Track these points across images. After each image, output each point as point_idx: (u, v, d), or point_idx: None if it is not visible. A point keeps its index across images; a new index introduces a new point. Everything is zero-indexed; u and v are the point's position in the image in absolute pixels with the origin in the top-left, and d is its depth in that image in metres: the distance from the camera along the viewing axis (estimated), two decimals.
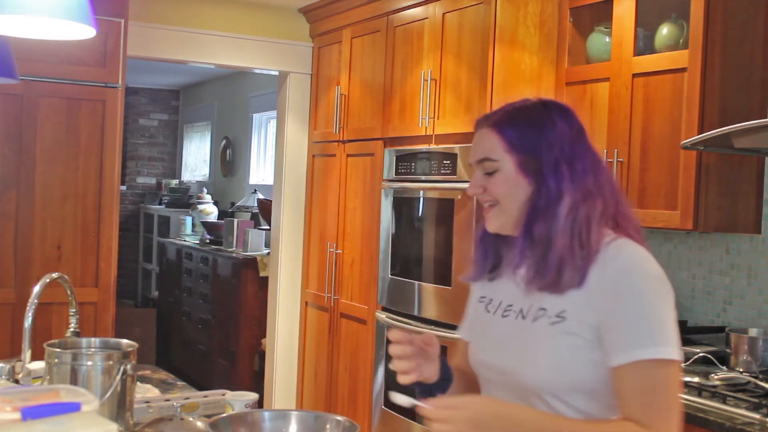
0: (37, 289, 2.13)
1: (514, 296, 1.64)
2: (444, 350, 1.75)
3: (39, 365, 2.07)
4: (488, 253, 1.70)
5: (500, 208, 1.61)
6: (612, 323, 1.49)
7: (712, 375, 2.78)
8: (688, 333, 3.31)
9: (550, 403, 1.55)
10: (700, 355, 2.97)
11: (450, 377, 1.70)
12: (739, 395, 2.61)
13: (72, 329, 2.27)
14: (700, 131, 3.02)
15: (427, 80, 4.00)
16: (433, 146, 3.96)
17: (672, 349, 1.47)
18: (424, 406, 1.47)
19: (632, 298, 1.49)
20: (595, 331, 1.51)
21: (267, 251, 6.05)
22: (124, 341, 1.98)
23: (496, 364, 1.64)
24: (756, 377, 2.77)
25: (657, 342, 1.47)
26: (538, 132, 1.58)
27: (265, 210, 6.51)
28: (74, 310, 2.28)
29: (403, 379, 1.62)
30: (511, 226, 1.61)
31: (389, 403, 4.14)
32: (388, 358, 1.66)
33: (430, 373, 1.67)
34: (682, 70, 3.13)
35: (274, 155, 6.01)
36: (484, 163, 1.61)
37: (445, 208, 3.84)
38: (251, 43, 5.05)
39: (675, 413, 1.49)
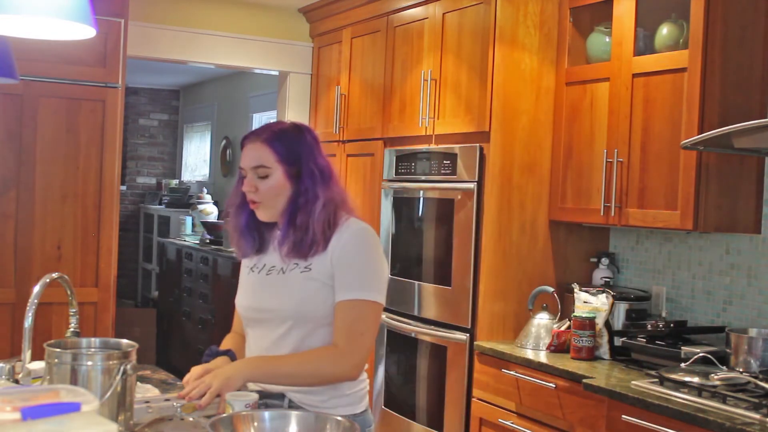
0: (37, 289, 2.12)
1: (275, 261, 2.22)
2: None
3: (39, 365, 2.07)
4: (255, 235, 2.25)
5: (267, 204, 2.17)
6: (340, 271, 2.12)
7: (712, 375, 2.77)
8: (688, 333, 3.31)
9: (296, 332, 2.14)
10: (700, 355, 2.97)
11: (234, 355, 2.25)
12: (739, 395, 2.61)
13: (72, 329, 2.27)
14: (700, 131, 3.02)
15: (427, 80, 4.00)
16: (433, 146, 3.96)
17: (372, 293, 2.11)
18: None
19: (355, 255, 2.13)
20: (331, 277, 2.12)
21: None
22: (124, 341, 1.97)
23: (258, 305, 2.22)
24: (756, 377, 2.77)
25: (362, 287, 2.11)
26: (298, 148, 2.16)
27: None
28: (74, 310, 2.28)
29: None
30: (277, 216, 2.19)
31: (389, 403, 4.14)
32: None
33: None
34: (682, 70, 3.13)
35: None
36: (258, 169, 2.15)
37: (445, 208, 3.84)
38: (251, 43, 5.05)
39: (365, 339, 2.10)
